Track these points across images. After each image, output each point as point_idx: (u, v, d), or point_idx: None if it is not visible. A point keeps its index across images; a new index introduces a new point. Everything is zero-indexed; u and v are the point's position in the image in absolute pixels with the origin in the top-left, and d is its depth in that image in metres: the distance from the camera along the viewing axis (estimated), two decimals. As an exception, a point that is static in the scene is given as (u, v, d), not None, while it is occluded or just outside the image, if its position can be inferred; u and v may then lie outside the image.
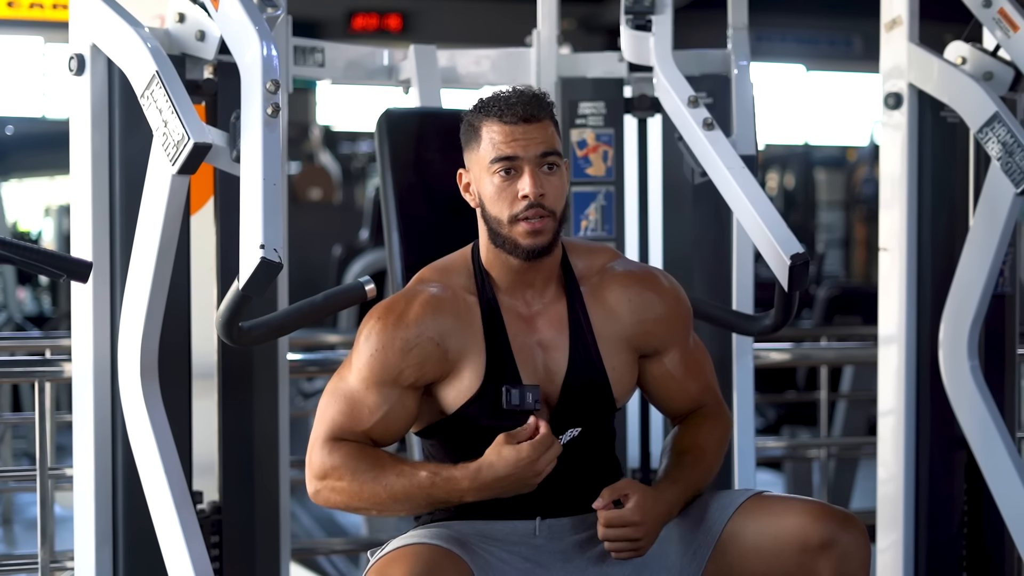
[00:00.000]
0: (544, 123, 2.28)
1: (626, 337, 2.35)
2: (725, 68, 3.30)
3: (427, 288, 2.33)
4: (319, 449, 2.29)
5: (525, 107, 2.27)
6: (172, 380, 2.75)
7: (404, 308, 2.30)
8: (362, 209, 11.17)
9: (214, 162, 2.41)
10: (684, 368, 2.41)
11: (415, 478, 2.23)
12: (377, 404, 2.28)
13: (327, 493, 2.27)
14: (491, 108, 2.29)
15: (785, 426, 7.34)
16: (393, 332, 2.28)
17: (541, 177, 2.26)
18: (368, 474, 2.24)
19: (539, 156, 2.26)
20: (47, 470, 3.19)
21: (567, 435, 2.28)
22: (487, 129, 2.28)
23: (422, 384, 2.30)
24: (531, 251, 2.27)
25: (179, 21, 2.77)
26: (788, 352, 4.92)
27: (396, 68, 3.49)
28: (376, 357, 2.28)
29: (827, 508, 2.23)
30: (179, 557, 2.48)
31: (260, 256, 2.23)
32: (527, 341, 2.33)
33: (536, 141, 2.26)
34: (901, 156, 3.32)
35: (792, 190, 13.39)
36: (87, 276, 2.52)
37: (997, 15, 3.12)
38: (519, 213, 2.25)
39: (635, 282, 2.38)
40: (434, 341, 2.29)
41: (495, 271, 2.33)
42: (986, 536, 3.39)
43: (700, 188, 3.04)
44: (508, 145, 2.26)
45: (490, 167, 2.27)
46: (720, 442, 2.41)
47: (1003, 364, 3.40)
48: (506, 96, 2.29)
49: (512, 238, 2.27)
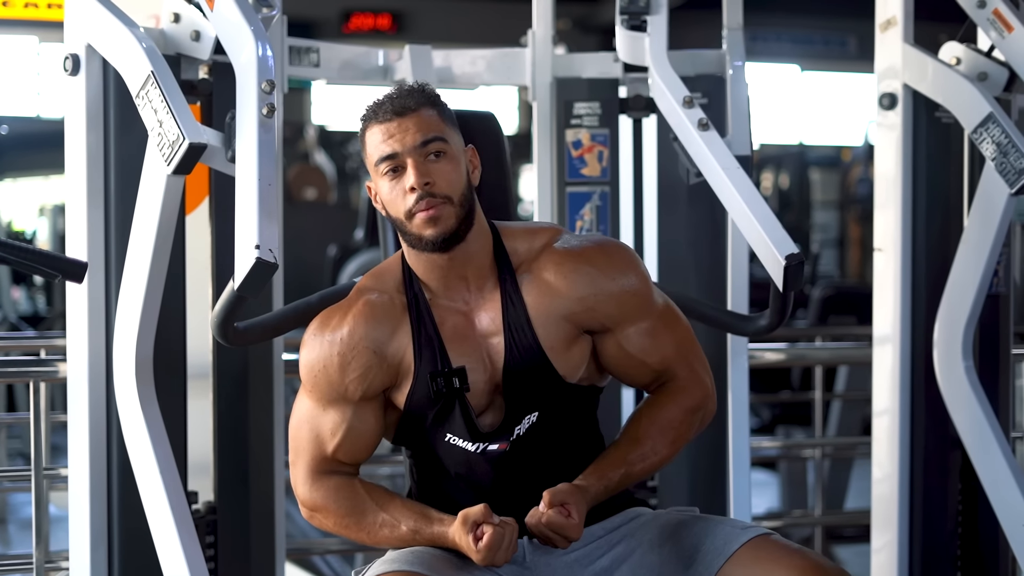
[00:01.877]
0: (419, 112, 2.24)
1: (564, 314, 2.29)
2: (720, 68, 3.30)
3: (361, 297, 2.33)
4: (302, 482, 2.34)
5: (394, 101, 2.25)
6: (167, 380, 2.75)
7: (338, 322, 2.30)
8: (357, 209, 11.16)
9: (209, 162, 2.40)
10: (641, 341, 2.32)
11: (397, 531, 2.28)
12: (336, 424, 2.30)
13: (319, 523, 2.34)
14: (367, 113, 2.29)
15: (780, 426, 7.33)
16: (330, 348, 2.29)
17: (427, 166, 2.22)
18: (351, 518, 2.30)
19: (418, 146, 2.23)
20: (42, 470, 3.18)
21: (524, 422, 2.27)
22: (368, 134, 2.27)
23: (373, 394, 2.30)
24: (435, 241, 2.23)
25: (174, 21, 2.77)
26: (783, 352, 4.92)
27: (391, 68, 3.48)
28: (321, 376, 2.29)
29: (822, 567, 2.15)
30: (174, 557, 2.48)
31: (255, 256, 2.23)
32: (468, 334, 2.29)
33: (411, 132, 2.23)
34: (896, 156, 3.32)
35: (787, 190, 13.40)
36: (82, 276, 2.52)
37: (992, 16, 3.13)
38: (411, 207, 2.22)
39: (571, 259, 2.31)
40: (370, 350, 2.28)
41: (420, 271, 2.31)
42: (980, 536, 3.39)
43: (695, 188, 3.04)
44: (386, 143, 2.23)
45: (377, 170, 2.26)
46: (682, 425, 2.33)
47: (998, 364, 3.40)
48: (379, 98, 2.29)
49: (415, 233, 2.24)
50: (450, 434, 2.30)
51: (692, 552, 2.24)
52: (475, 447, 2.29)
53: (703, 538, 2.25)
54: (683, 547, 2.26)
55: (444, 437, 2.30)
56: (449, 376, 2.26)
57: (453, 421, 2.29)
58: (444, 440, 2.30)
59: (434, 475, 2.35)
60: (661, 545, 2.28)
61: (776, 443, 6.17)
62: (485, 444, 2.29)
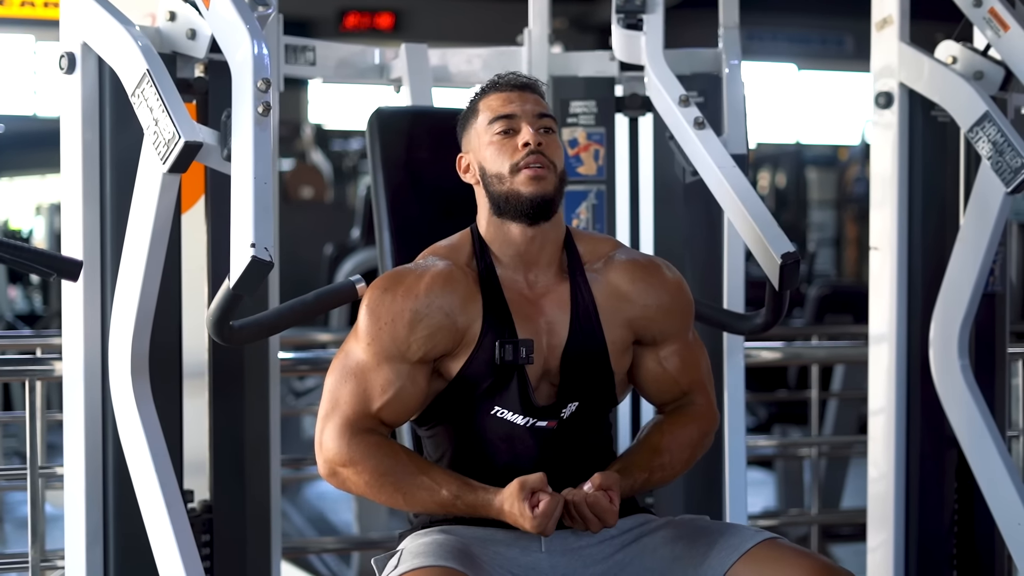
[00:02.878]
0: (537, 94, 2.38)
1: (628, 318, 2.36)
2: (716, 67, 3.30)
3: (436, 262, 2.34)
4: (335, 436, 2.28)
5: (518, 76, 2.39)
6: (163, 379, 2.75)
7: (414, 280, 2.31)
8: (353, 208, 11.16)
9: (205, 161, 2.40)
10: (678, 361, 2.41)
11: (436, 495, 2.24)
12: (388, 381, 2.28)
13: (341, 481, 2.28)
14: (487, 86, 2.40)
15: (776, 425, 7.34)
16: (402, 303, 2.28)
17: (539, 134, 2.32)
18: (389, 477, 2.25)
19: (536, 116, 2.34)
20: (38, 469, 3.18)
21: (569, 407, 2.31)
22: (484, 103, 2.38)
23: (431, 358, 2.30)
24: (534, 199, 2.29)
25: (170, 19, 2.76)
26: (779, 351, 4.92)
27: (387, 67, 3.48)
28: (385, 330, 2.28)
29: (831, 568, 2.19)
30: (170, 556, 2.47)
31: (251, 255, 2.22)
32: (532, 313, 2.33)
33: (530, 102, 2.36)
34: (892, 155, 3.32)
35: (783, 189, 13.41)
36: (77, 275, 2.52)
37: (988, 14, 3.13)
38: (520, 161, 2.30)
39: (640, 268, 2.40)
40: (443, 312, 2.29)
41: (496, 245, 2.35)
42: (976, 535, 3.39)
43: (691, 187, 3.04)
44: (505, 106, 2.34)
45: (489, 128, 2.34)
46: (697, 447, 2.42)
47: (993, 363, 3.40)
48: (498, 75, 2.42)
49: (514, 189, 2.30)
50: (499, 407, 2.31)
51: (705, 549, 2.27)
52: (525, 420, 2.31)
53: (716, 537, 2.29)
54: (696, 545, 2.29)
55: (491, 409, 2.31)
56: (517, 346, 2.28)
57: (507, 393, 2.30)
58: (490, 412, 2.31)
59: (469, 448, 2.35)
60: (674, 543, 2.31)
61: (772, 442, 6.18)
62: (535, 420, 2.31)
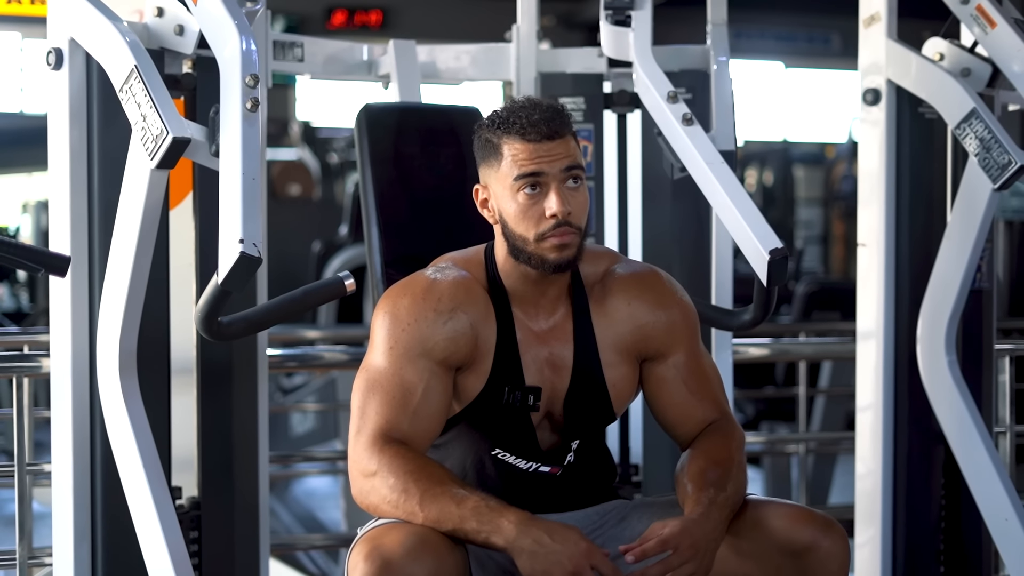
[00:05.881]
0: (566, 138, 2.24)
1: (627, 345, 2.33)
2: (704, 64, 3.30)
3: (456, 271, 2.30)
4: (365, 447, 2.17)
5: (548, 124, 2.22)
6: (151, 375, 2.74)
7: (434, 283, 2.27)
8: (341, 204, 11.15)
9: (193, 157, 2.40)
10: (689, 373, 2.35)
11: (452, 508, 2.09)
12: (414, 383, 2.21)
13: (369, 494, 2.15)
14: (512, 125, 2.23)
15: (764, 421, 7.37)
16: (424, 303, 2.25)
17: (566, 193, 2.22)
18: (412, 482, 2.12)
19: (563, 171, 2.22)
20: (25, 466, 3.17)
21: (573, 446, 2.33)
22: (508, 147, 2.23)
23: (452, 364, 2.25)
24: (558, 265, 2.24)
25: (158, 15, 2.75)
26: (767, 347, 4.94)
27: (375, 63, 3.48)
28: (408, 331, 2.23)
29: (809, 512, 2.22)
30: (158, 553, 2.47)
31: (239, 251, 2.22)
32: (537, 355, 2.31)
33: (560, 156, 2.22)
34: (879, 152, 3.33)
35: (771, 187, 13.43)
36: (65, 270, 2.51)
37: (975, 12, 3.13)
38: (546, 232, 2.21)
39: (634, 285, 2.35)
40: (467, 318, 2.26)
41: (510, 280, 2.30)
42: (964, 530, 3.40)
43: (679, 183, 3.04)
44: (533, 162, 2.21)
45: (514, 185, 2.23)
46: (739, 453, 2.32)
47: (981, 359, 3.41)
48: (527, 111, 2.24)
49: (539, 255, 2.23)
50: (500, 449, 2.31)
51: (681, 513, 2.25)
52: (528, 466, 2.31)
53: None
54: (672, 511, 2.27)
55: (491, 450, 2.31)
56: (525, 392, 2.27)
57: (511, 437, 2.29)
58: (490, 453, 2.31)
59: (472, 482, 2.28)
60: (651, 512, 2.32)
61: (760, 438, 6.19)
62: (539, 464, 2.32)
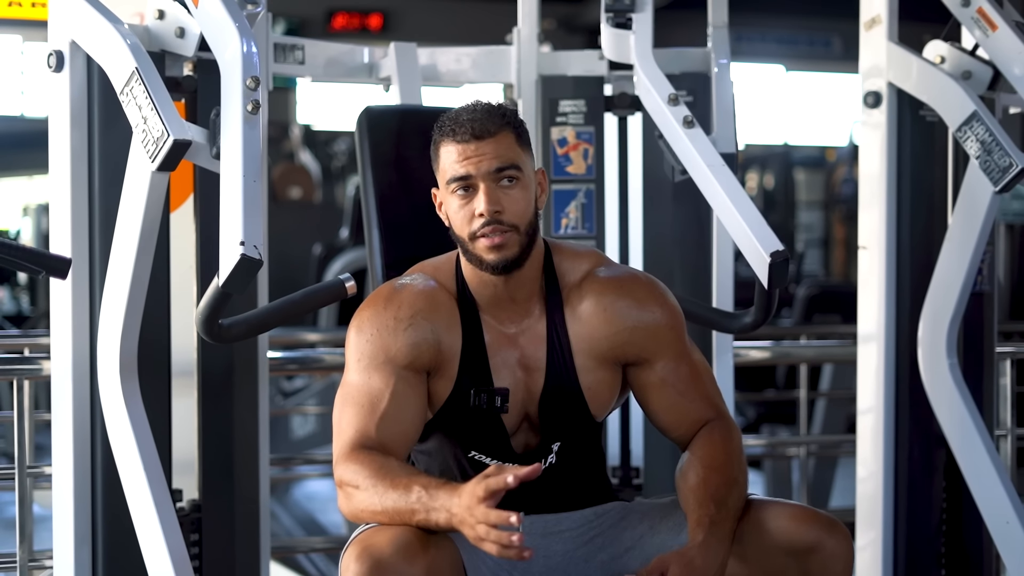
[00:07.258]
0: (498, 137, 2.25)
1: (603, 351, 2.33)
2: (705, 66, 3.30)
3: (421, 280, 2.33)
4: (342, 459, 2.19)
5: (475, 124, 2.25)
6: (152, 378, 2.74)
7: (396, 294, 2.30)
8: (342, 207, 11.15)
9: (194, 159, 2.40)
10: (678, 377, 2.34)
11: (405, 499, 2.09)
12: (381, 390, 2.23)
13: (351, 504, 2.15)
14: (445, 126, 2.29)
15: (765, 424, 7.35)
16: (384, 313, 2.28)
17: (497, 193, 2.24)
18: (379, 479, 2.11)
19: (493, 172, 2.24)
20: (26, 469, 3.17)
21: (553, 449, 2.33)
22: (444, 149, 2.28)
23: (419, 368, 2.26)
24: (495, 266, 2.25)
25: (159, 18, 2.75)
26: (768, 350, 4.93)
27: (376, 66, 3.48)
28: (372, 341, 2.26)
29: (813, 512, 2.22)
30: (159, 556, 2.47)
31: (240, 253, 2.22)
32: (507, 357, 2.32)
33: (488, 157, 2.24)
34: (880, 155, 3.33)
35: (772, 190, 13.43)
36: (66, 272, 2.51)
37: (976, 14, 3.13)
38: (477, 231, 2.25)
39: (611, 290, 2.34)
40: (428, 326, 2.28)
41: (474, 285, 2.33)
42: (965, 533, 3.40)
43: (680, 186, 3.04)
44: (461, 164, 2.25)
45: (448, 187, 2.28)
46: (738, 453, 2.31)
47: (982, 362, 3.41)
48: (459, 112, 2.28)
49: (476, 255, 2.27)
50: (475, 451, 2.32)
51: (682, 517, 2.26)
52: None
53: None
54: (673, 515, 2.30)
55: (467, 453, 2.32)
56: (492, 394, 2.27)
57: (484, 439, 2.31)
58: (467, 456, 2.33)
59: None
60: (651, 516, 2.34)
61: (761, 441, 6.18)
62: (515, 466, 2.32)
